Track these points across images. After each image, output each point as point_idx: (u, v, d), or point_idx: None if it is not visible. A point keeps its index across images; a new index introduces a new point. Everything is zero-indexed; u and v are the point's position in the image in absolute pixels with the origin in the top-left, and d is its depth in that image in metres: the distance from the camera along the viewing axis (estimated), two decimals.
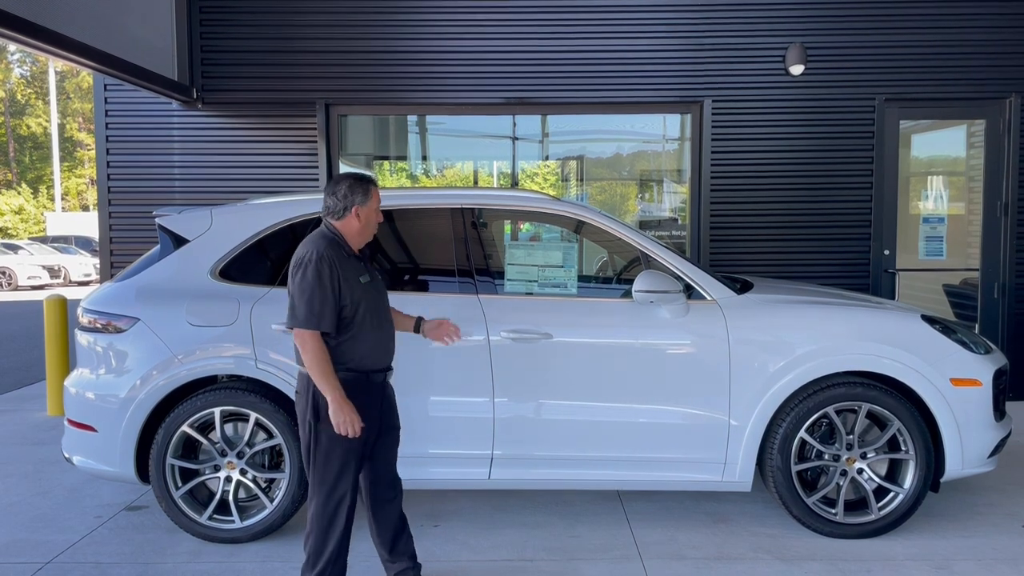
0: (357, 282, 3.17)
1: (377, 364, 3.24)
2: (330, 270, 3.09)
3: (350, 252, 3.23)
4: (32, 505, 4.72)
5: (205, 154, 7.21)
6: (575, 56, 7.04)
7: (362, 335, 3.18)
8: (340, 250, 3.19)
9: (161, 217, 4.37)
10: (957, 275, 7.30)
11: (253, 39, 7.11)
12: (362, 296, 3.17)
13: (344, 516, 3.23)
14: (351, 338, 3.16)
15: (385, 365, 3.29)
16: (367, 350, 3.19)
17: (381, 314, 3.27)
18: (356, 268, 3.21)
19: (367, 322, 3.18)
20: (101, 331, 4.16)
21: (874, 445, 4.11)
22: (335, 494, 3.21)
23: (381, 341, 3.25)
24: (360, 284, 3.18)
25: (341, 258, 3.16)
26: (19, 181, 44.11)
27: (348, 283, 3.13)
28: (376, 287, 3.29)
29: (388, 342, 3.30)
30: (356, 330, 3.17)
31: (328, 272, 3.09)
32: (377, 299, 3.27)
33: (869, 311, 4.32)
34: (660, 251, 4.27)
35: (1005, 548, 4.01)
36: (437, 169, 8.69)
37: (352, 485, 3.23)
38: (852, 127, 7.03)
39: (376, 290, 3.28)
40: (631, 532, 4.24)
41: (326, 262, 3.09)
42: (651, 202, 7.98)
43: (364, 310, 3.17)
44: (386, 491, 3.43)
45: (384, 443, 3.37)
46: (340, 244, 3.21)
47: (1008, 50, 6.95)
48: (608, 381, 4.09)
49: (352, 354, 3.17)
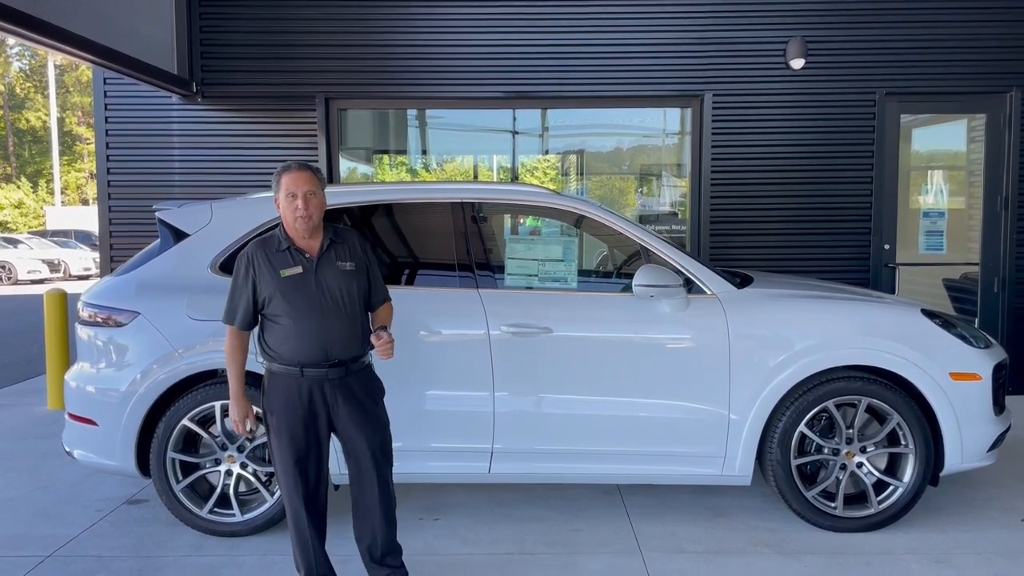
0: (277, 275, 3.14)
1: (306, 358, 3.14)
2: (246, 268, 3.20)
3: (287, 245, 3.20)
4: (33, 499, 4.72)
5: (205, 148, 7.20)
6: (575, 50, 7.03)
7: (281, 329, 3.16)
8: (270, 245, 3.22)
9: (161, 211, 4.37)
10: (957, 269, 7.30)
11: (253, 33, 7.10)
12: (281, 289, 3.13)
13: (303, 516, 3.23)
14: (268, 330, 3.21)
15: (318, 359, 3.14)
16: (287, 343, 3.15)
17: (308, 307, 3.13)
18: (282, 261, 3.17)
19: (287, 316, 3.14)
20: (101, 325, 4.16)
21: (874, 439, 4.12)
22: (285, 492, 3.25)
23: (305, 334, 3.13)
24: (281, 277, 3.14)
25: (267, 254, 3.19)
26: (19, 175, 44.05)
27: (266, 278, 3.15)
28: (306, 279, 3.15)
29: (315, 335, 3.13)
30: (276, 325, 3.17)
31: (243, 270, 3.20)
32: (305, 291, 3.15)
33: (869, 305, 4.32)
34: (660, 245, 4.27)
35: (1004, 542, 4.02)
36: (437, 163, 8.67)
37: (296, 484, 3.20)
38: (853, 121, 7.02)
39: (306, 282, 3.15)
40: (631, 526, 4.25)
41: (244, 260, 3.21)
42: (651, 196, 7.97)
43: (284, 304, 3.13)
44: (357, 494, 3.34)
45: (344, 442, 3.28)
46: (277, 239, 3.23)
47: (1009, 44, 6.93)
48: (608, 375, 4.09)
49: (275, 347, 3.19)
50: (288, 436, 3.18)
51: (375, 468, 3.28)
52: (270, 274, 3.16)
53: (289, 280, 3.15)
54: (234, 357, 3.26)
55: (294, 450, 3.19)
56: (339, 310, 3.19)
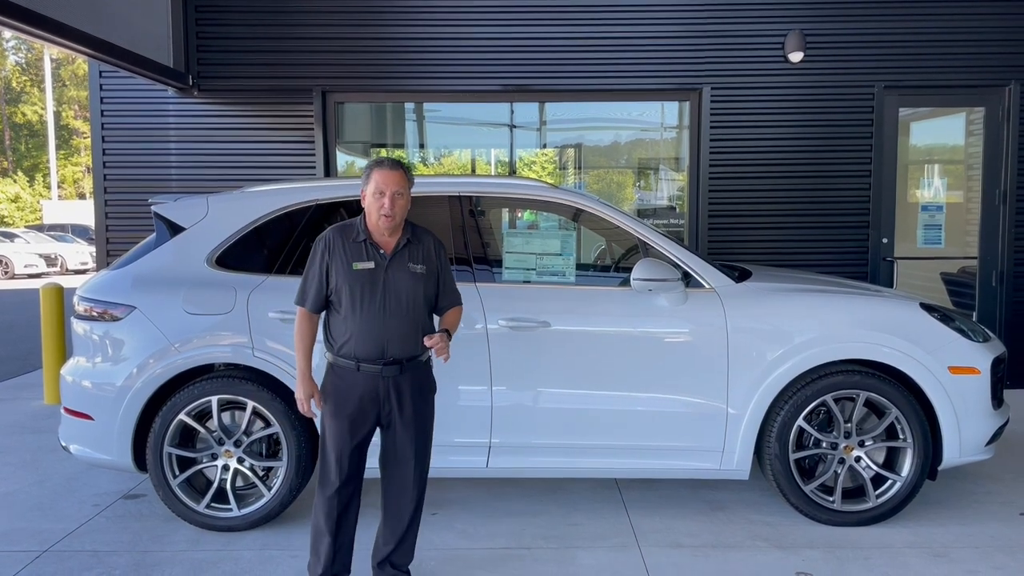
0: (349, 267, 3.15)
1: (364, 353, 3.15)
2: (322, 252, 3.21)
3: (364, 237, 3.20)
4: (29, 494, 4.71)
5: (201, 142, 7.17)
6: (573, 43, 7.01)
7: (343, 321, 3.18)
8: (348, 234, 3.22)
9: (157, 205, 4.35)
10: (955, 263, 7.30)
11: (249, 26, 7.06)
12: (350, 282, 3.14)
13: (336, 510, 3.21)
14: (334, 322, 3.22)
15: (374, 356, 3.15)
16: (348, 336, 3.16)
17: (371, 304, 3.14)
18: (357, 252, 3.18)
19: (350, 309, 3.15)
20: (97, 319, 4.14)
21: (872, 433, 4.11)
22: (326, 484, 3.23)
23: (364, 331, 3.14)
24: (351, 270, 3.15)
25: (344, 242, 3.20)
26: (15, 169, 43.94)
27: (338, 266, 3.16)
28: (375, 276, 3.16)
29: (374, 333, 3.14)
30: (338, 315, 3.20)
31: (320, 254, 3.22)
32: (372, 287, 3.15)
33: (867, 299, 4.31)
34: (658, 239, 4.25)
35: (1002, 536, 4.02)
36: (435, 157, 8.65)
37: (342, 478, 3.19)
38: (851, 115, 7.01)
39: (374, 279, 3.16)
40: (629, 520, 4.24)
41: (321, 244, 3.23)
42: (649, 190, 7.96)
43: (348, 296, 3.14)
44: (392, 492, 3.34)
45: (388, 441, 3.29)
46: (356, 228, 3.23)
47: (1007, 37, 6.92)
48: (606, 369, 4.08)
49: (337, 337, 3.21)
50: (336, 425, 3.19)
51: (414, 469, 3.29)
52: (343, 263, 3.17)
53: (359, 274, 3.16)
54: (303, 339, 3.24)
55: (342, 439, 3.19)
56: (401, 311, 3.19)
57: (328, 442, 3.23)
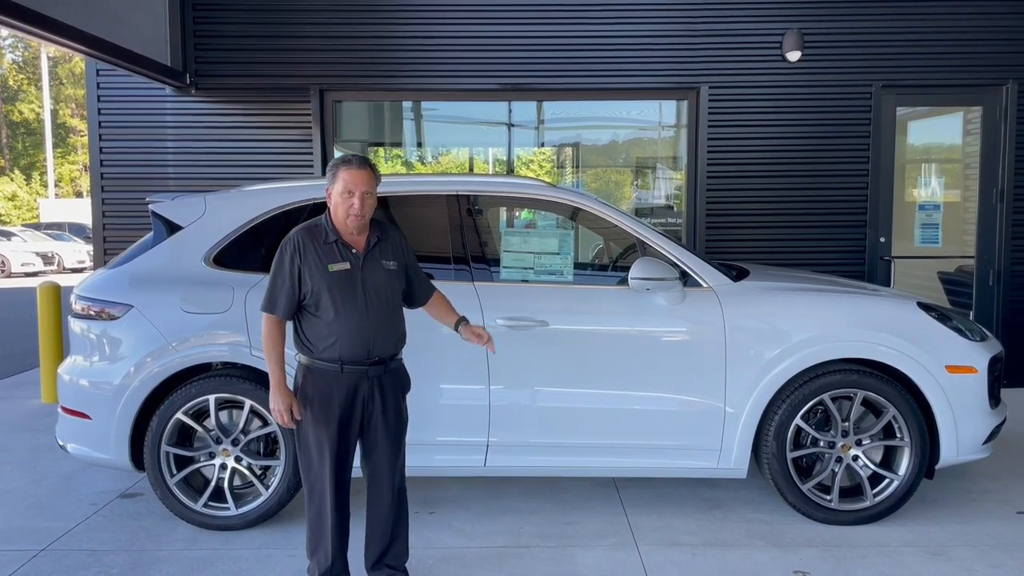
0: (324, 269, 3.09)
1: (350, 355, 3.11)
2: (291, 256, 3.11)
3: (335, 238, 3.14)
4: (27, 493, 4.71)
5: (199, 140, 7.16)
6: (571, 42, 7.00)
7: (325, 324, 3.11)
8: (318, 235, 3.15)
9: (154, 204, 4.34)
10: (953, 262, 7.31)
11: (247, 24, 7.05)
12: (326, 284, 3.08)
13: (328, 512, 3.17)
14: (310, 326, 3.15)
15: (360, 357, 3.11)
16: (333, 339, 3.10)
17: (353, 305, 3.10)
18: (329, 254, 3.12)
19: (332, 312, 3.09)
20: (95, 318, 4.14)
21: (869, 432, 4.11)
22: (315, 488, 3.19)
23: (351, 332, 3.09)
24: (326, 272, 3.09)
25: (314, 244, 3.12)
26: (12, 168, 43.85)
27: (312, 269, 3.09)
28: (352, 276, 3.11)
29: (362, 334, 3.10)
30: (316, 319, 3.13)
31: (288, 258, 3.11)
32: (351, 288, 3.10)
33: (865, 298, 4.32)
34: (656, 238, 4.25)
35: (1000, 534, 4.02)
36: (432, 156, 8.65)
37: (330, 480, 3.15)
38: (849, 114, 7.01)
39: (351, 280, 3.11)
40: (626, 519, 4.25)
41: (289, 247, 3.13)
42: (647, 189, 7.96)
43: (329, 299, 3.08)
44: (375, 492, 3.32)
45: (369, 441, 3.26)
46: (324, 229, 3.16)
47: (1005, 37, 6.93)
48: (604, 368, 4.09)
49: (316, 341, 3.14)
50: (322, 431, 3.13)
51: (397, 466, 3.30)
52: (316, 266, 3.10)
53: (335, 275, 3.10)
54: (275, 347, 3.14)
55: (327, 445, 3.14)
56: (383, 309, 3.17)
57: (314, 451, 3.16)
